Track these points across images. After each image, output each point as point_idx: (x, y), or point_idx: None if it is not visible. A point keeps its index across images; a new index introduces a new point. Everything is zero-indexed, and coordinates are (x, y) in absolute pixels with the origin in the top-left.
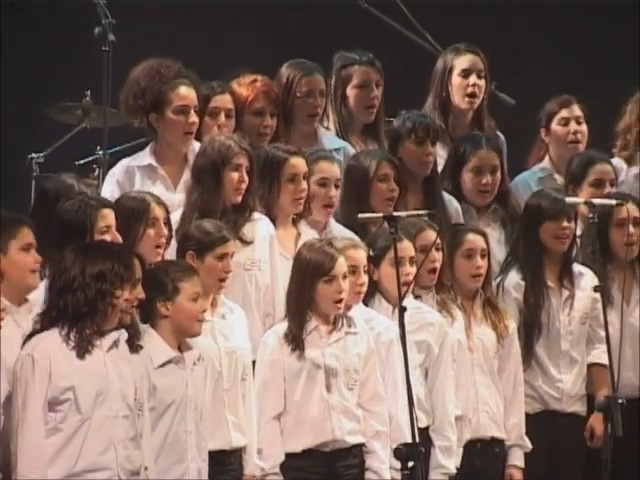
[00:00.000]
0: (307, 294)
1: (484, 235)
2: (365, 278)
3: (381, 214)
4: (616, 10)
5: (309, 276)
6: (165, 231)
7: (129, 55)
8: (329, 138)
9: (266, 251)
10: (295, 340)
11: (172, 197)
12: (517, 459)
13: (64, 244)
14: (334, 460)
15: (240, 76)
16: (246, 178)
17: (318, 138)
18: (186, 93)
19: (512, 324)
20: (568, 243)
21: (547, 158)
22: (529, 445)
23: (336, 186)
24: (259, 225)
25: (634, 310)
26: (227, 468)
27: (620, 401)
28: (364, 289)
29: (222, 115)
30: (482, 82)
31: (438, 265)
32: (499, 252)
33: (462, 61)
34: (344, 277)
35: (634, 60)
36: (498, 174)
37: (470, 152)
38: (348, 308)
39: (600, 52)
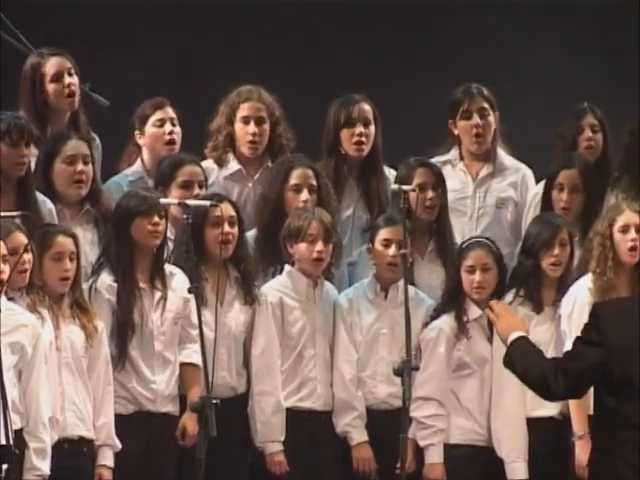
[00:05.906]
0: None
1: (74, 237)
2: None
3: None
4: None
5: None
6: None
7: None
8: None
9: None
10: None
11: None
12: (106, 459)
13: None
14: None
15: None
16: None
17: None
18: None
19: (101, 324)
20: (161, 238)
21: (139, 161)
22: (119, 445)
23: None
24: None
25: (228, 310)
26: None
27: (214, 401)
28: None
29: None
30: (75, 80)
31: (29, 267)
32: (92, 253)
33: (50, 65)
34: None
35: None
36: (90, 165)
37: (60, 142)
38: None
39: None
